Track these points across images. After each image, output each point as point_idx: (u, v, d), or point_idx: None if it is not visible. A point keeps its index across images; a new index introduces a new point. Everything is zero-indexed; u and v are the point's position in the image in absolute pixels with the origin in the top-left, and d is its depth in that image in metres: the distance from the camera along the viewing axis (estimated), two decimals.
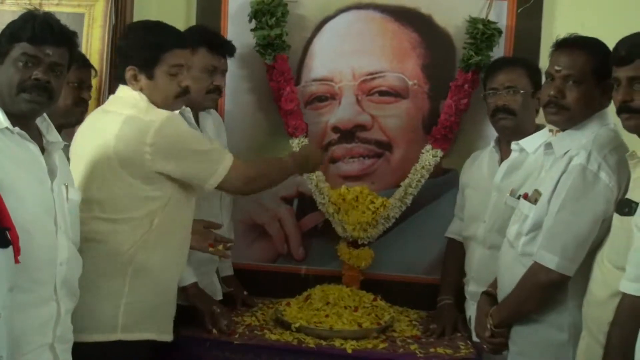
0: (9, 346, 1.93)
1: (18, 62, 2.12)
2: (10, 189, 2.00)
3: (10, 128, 2.11)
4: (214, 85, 3.09)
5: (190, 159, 2.58)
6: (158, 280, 2.60)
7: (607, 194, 2.39)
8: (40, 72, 2.13)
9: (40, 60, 2.13)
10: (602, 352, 2.15)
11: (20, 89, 2.12)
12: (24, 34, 2.12)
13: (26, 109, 2.15)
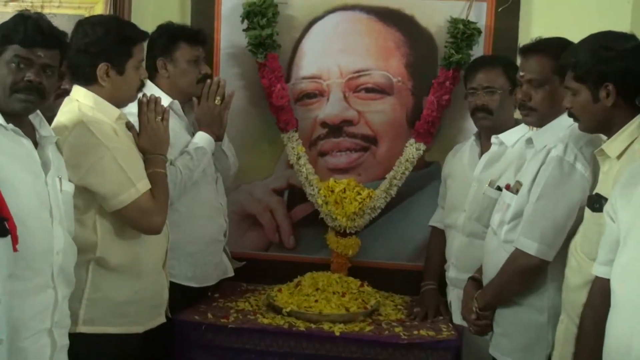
0: (9, 331, 1.92)
1: (11, 64, 2.12)
2: (7, 183, 2.00)
3: (4, 125, 2.12)
4: (202, 74, 3.09)
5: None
6: (124, 277, 2.56)
7: (583, 184, 2.42)
8: (33, 73, 2.12)
9: (32, 62, 2.13)
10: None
11: (13, 89, 2.11)
12: (16, 37, 2.11)
13: (19, 109, 2.14)
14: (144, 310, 2.62)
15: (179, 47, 3.04)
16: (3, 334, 1.87)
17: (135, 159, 2.57)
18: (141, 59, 2.65)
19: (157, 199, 2.54)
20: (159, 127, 2.69)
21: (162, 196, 2.58)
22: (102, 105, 2.56)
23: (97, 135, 2.44)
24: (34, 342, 2.12)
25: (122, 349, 2.55)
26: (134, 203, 2.45)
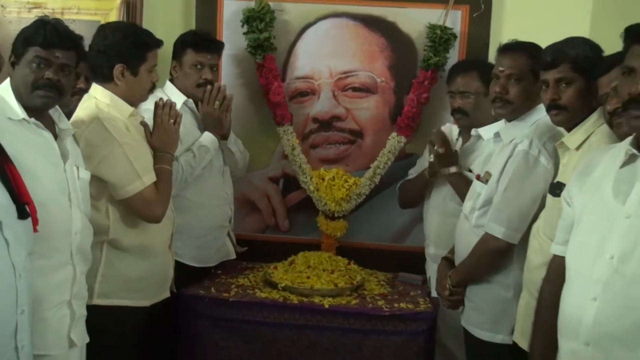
0: (31, 302, 1.92)
1: (32, 64, 2.13)
2: (29, 171, 2.01)
3: (26, 119, 2.13)
4: (203, 79, 3.04)
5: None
6: (134, 256, 2.57)
7: (545, 175, 2.43)
8: (52, 72, 2.13)
9: (51, 62, 2.13)
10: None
11: (34, 87, 2.12)
12: (36, 39, 2.12)
13: (40, 104, 2.15)
14: (151, 286, 2.64)
15: (186, 52, 3.03)
16: (25, 305, 1.87)
17: (144, 153, 2.57)
18: (154, 63, 2.63)
19: (160, 192, 2.55)
20: (171, 129, 2.71)
21: (165, 190, 2.58)
22: (116, 103, 2.56)
23: (110, 131, 2.44)
24: (55, 313, 2.14)
25: (132, 319, 2.56)
26: (139, 194, 2.46)
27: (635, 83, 1.69)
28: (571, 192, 1.97)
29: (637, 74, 1.69)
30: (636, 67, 1.69)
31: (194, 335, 2.84)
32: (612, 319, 1.69)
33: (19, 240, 1.85)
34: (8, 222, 1.82)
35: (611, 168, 1.82)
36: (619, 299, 1.69)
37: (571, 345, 1.80)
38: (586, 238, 1.83)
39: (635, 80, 1.69)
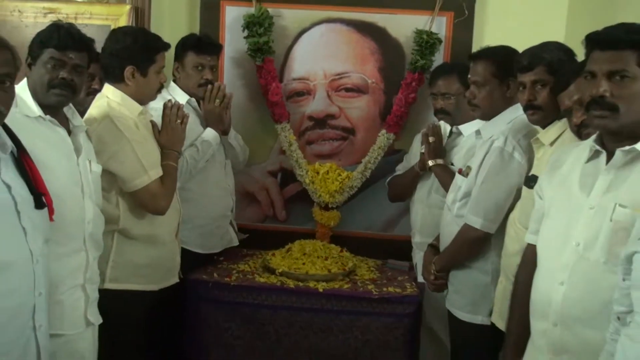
0: (47, 286, 1.92)
1: (47, 65, 2.13)
2: (45, 164, 2.00)
3: (42, 116, 2.13)
4: (204, 79, 3.04)
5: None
6: (142, 244, 2.58)
7: (519, 170, 2.44)
8: (66, 72, 2.14)
9: (65, 63, 2.14)
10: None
11: (49, 86, 2.13)
12: (51, 42, 2.13)
13: (55, 102, 2.15)
14: (159, 272, 2.65)
15: (188, 54, 3.02)
16: (42, 288, 1.87)
17: (151, 150, 2.58)
18: (162, 65, 2.64)
19: (165, 186, 2.55)
20: (178, 128, 2.72)
21: (170, 185, 2.59)
22: (127, 102, 2.56)
23: (120, 128, 2.45)
24: (70, 296, 2.15)
25: (140, 302, 2.57)
26: (145, 187, 2.47)
27: (595, 86, 1.69)
28: (542, 186, 1.99)
29: (597, 77, 1.70)
30: (596, 71, 1.70)
31: (198, 317, 2.85)
32: (577, 301, 1.71)
33: (36, 228, 1.85)
34: (26, 211, 1.82)
35: (578, 163, 1.84)
36: (583, 283, 1.71)
37: (541, 325, 1.81)
38: (555, 227, 1.84)
39: (595, 83, 1.70)
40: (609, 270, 1.65)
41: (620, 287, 1.55)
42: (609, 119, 1.69)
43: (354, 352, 2.79)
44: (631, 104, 1.67)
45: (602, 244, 1.68)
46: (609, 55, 1.68)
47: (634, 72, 1.67)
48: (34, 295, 1.84)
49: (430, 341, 3.01)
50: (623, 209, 1.66)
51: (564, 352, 1.76)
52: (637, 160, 1.70)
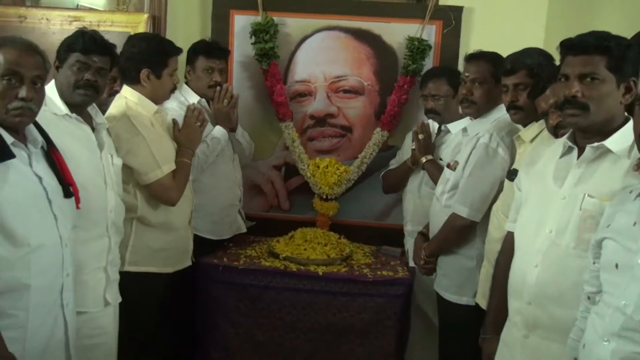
0: (74, 267, 1.96)
1: (73, 67, 2.15)
2: (71, 158, 2.03)
3: (69, 114, 2.16)
4: (213, 81, 3.02)
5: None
6: (158, 231, 2.59)
7: (502, 164, 2.45)
8: (90, 74, 2.15)
9: (89, 66, 2.15)
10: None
11: (75, 86, 2.14)
12: (77, 47, 2.14)
13: (80, 101, 2.17)
14: (174, 256, 2.66)
15: (198, 58, 3.01)
16: (69, 269, 1.91)
17: (165, 146, 2.57)
18: (175, 68, 2.63)
19: (177, 180, 2.55)
20: (196, 130, 2.73)
21: (182, 179, 2.59)
22: (143, 102, 2.57)
23: (136, 126, 2.46)
24: (93, 276, 2.18)
25: (157, 283, 2.59)
26: (158, 181, 2.47)
27: (568, 87, 1.72)
28: (520, 179, 2.01)
29: (570, 79, 1.72)
30: (569, 73, 1.73)
31: (209, 297, 2.86)
32: (549, 282, 1.74)
33: (64, 215, 1.88)
34: (56, 200, 1.85)
35: (552, 158, 1.86)
36: (555, 266, 1.74)
37: (517, 304, 1.84)
38: (530, 216, 1.86)
39: (568, 85, 1.72)
40: (578, 255, 1.68)
41: (591, 270, 1.58)
42: (581, 117, 1.72)
43: (350, 329, 2.80)
44: (600, 103, 1.70)
45: (572, 231, 1.71)
46: (581, 60, 1.71)
47: (603, 75, 1.69)
48: (62, 276, 1.88)
49: (419, 320, 3.00)
50: (591, 198, 1.69)
51: (536, 327, 1.79)
52: (605, 156, 1.73)
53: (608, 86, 1.70)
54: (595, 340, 1.47)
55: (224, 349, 2.87)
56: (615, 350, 1.41)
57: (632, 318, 1.39)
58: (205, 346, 2.89)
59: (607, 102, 1.71)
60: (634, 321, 1.38)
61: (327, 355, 2.83)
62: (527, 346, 1.82)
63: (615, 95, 1.72)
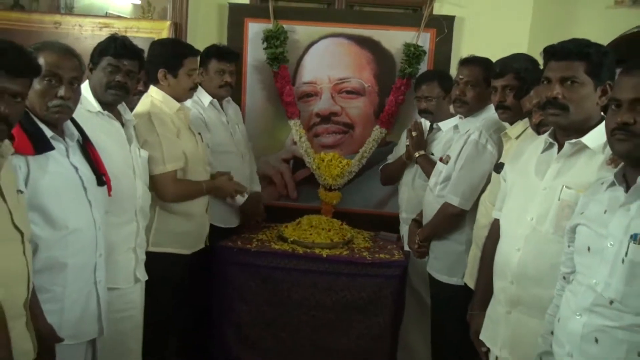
0: (106, 249, 1.98)
1: (105, 69, 2.16)
2: (104, 150, 2.04)
3: (101, 111, 2.17)
4: (224, 82, 2.98)
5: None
6: (178, 217, 2.59)
7: (491, 159, 2.46)
8: (120, 76, 2.16)
9: (120, 69, 2.16)
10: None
11: (107, 87, 2.15)
12: (109, 51, 2.15)
13: (111, 100, 2.18)
14: (191, 239, 2.66)
15: (211, 61, 2.97)
16: (102, 250, 1.93)
17: (175, 145, 2.51)
18: (192, 67, 2.60)
19: (180, 184, 2.53)
20: (228, 192, 2.82)
21: (186, 189, 2.57)
22: (167, 100, 2.57)
23: (154, 123, 2.45)
24: (124, 257, 2.20)
25: (176, 262, 2.59)
26: (159, 175, 2.44)
27: (550, 89, 1.73)
28: (506, 171, 2.01)
29: (552, 82, 1.73)
30: (551, 77, 1.73)
31: (224, 277, 2.87)
32: (530, 264, 1.75)
33: (98, 202, 1.91)
34: (90, 188, 1.87)
35: (535, 153, 1.86)
36: (535, 250, 1.75)
37: (501, 283, 1.85)
38: (514, 205, 1.87)
39: (550, 87, 1.73)
40: (556, 240, 1.69)
41: (566, 253, 1.59)
42: (561, 117, 1.73)
43: (351, 306, 2.80)
44: (579, 104, 1.71)
45: (551, 219, 1.72)
46: (562, 65, 1.72)
47: (582, 79, 1.70)
48: (95, 256, 1.90)
49: (413, 298, 3.00)
50: (569, 190, 1.70)
51: (518, 304, 1.80)
52: (582, 151, 1.74)
53: (586, 89, 1.71)
54: (569, 315, 1.49)
55: (237, 324, 2.88)
56: (586, 323, 1.43)
57: (601, 295, 1.40)
58: (220, 320, 2.90)
59: (585, 103, 1.72)
60: (603, 298, 1.40)
61: (330, 330, 2.83)
62: (509, 321, 1.83)
63: (593, 97, 1.72)
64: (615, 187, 1.47)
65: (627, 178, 1.45)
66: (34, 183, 1.73)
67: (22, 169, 1.71)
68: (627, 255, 1.35)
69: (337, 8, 3.57)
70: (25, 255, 1.58)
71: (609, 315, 1.39)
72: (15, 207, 1.55)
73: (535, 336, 1.69)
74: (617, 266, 1.38)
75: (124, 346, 2.22)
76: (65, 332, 1.80)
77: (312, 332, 2.84)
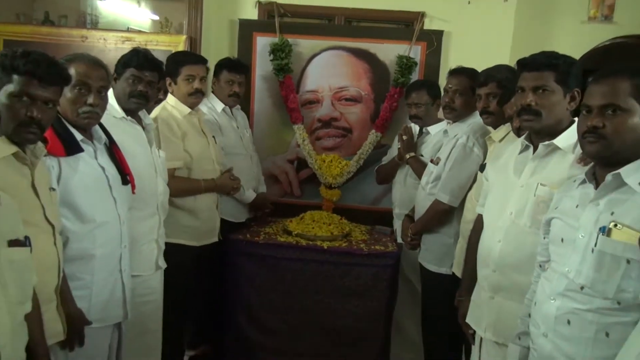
0: (130, 240, 1.99)
1: (129, 80, 2.16)
2: (128, 152, 2.05)
3: (125, 117, 2.18)
4: (233, 91, 2.97)
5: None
6: (187, 212, 2.59)
7: (477, 160, 2.46)
8: (142, 86, 2.17)
9: (141, 79, 2.17)
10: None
11: (130, 96, 2.16)
12: (132, 63, 2.16)
13: (134, 108, 2.20)
14: (199, 233, 2.65)
15: (222, 72, 2.96)
16: (126, 242, 1.94)
17: (176, 146, 2.51)
18: (189, 74, 2.57)
19: (177, 181, 2.50)
20: (229, 185, 2.76)
21: (183, 186, 2.54)
22: (178, 105, 2.58)
23: (160, 126, 2.47)
24: (147, 247, 2.22)
25: (185, 253, 2.58)
26: None
27: (524, 97, 1.74)
28: (487, 171, 2.02)
29: (525, 91, 1.74)
30: (525, 86, 1.74)
31: (235, 266, 2.87)
32: (509, 254, 1.76)
33: (122, 199, 1.92)
34: (115, 186, 1.89)
35: (513, 154, 1.87)
36: (514, 241, 1.76)
37: (484, 271, 1.86)
38: (495, 201, 1.87)
39: (524, 95, 1.74)
40: (533, 233, 1.70)
41: (542, 243, 1.60)
42: (534, 122, 1.74)
43: (349, 292, 2.81)
44: (550, 110, 1.72)
45: (528, 213, 1.72)
46: (534, 75, 1.73)
47: (552, 87, 1.71)
48: (120, 247, 1.91)
49: (405, 286, 2.99)
50: (543, 187, 1.71)
51: (500, 290, 1.81)
52: (555, 152, 1.75)
53: (557, 96, 1.72)
54: (544, 299, 1.49)
55: (247, 308, 2.89)
56: (559, 306, 1.44)
57: (573, 281, 1.42)
58: (232, 304, 2.91)
59: (556, 109, 1.73)
60: (575, 284, 1.41)
61: (331, 313, 2.83)
62: (492, 305, 1.83)
63: (563, 103, 1.73)
64: (586, 184, 1.48)
65: (596, 176, 1.46)
66: (65, 182, 1.75)
67: (54, 169, 1.73)
68: (596, 245, 1.37)
69: (337, 23, 3.58)
70: (56, 246, 1.61)
71: (580, 299, 1.40)
72: (47, 203, 1.58)
73: (515, 318, 1.69)
74: (587, 255, 1.39)
75: (146, 327, 2.23)
76: (94, 316, 1.82)
77: (315, 315, 2.84)
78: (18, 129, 1.48)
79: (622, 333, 1.30)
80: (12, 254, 1.29)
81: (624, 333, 1.27)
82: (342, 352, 2.86)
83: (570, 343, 1.40)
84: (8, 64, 1.46)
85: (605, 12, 3.58)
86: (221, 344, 2.97)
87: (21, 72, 1.46)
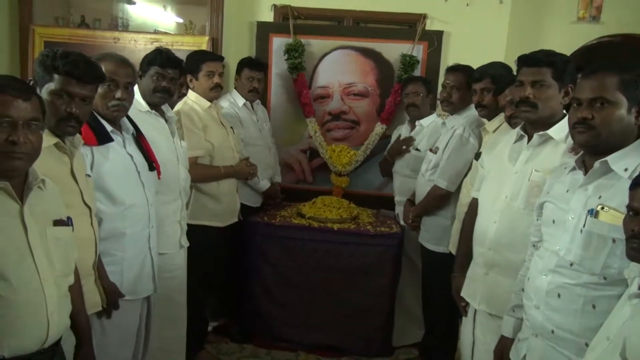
0: (156, 221, 1.99)
1: (152, 77, 2.15)
2: (153, 142, 2.05)
3: (149, 110, 2.18)
4: (252, 87, 2.95)
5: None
6: (209, 196, 2.57)
7: (472, 149, 2.44)
8: (165, 82, 2.16)
9: (164, 76, 2.16)
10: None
11: (154, 91, 2.15)
12: (156, 61, 2.15)
13: (158, 102, 2.19)
14: (222, 215, 2.64)
15: (243, 70, 2.95)
16: (153, 222, 1.94)
17: (197, 138, 2.49)
18: (210, 70, 2.55)
19: (198, 168, 2.47)
20: (245, 174, 2.71)
21: (202, 172, 2.51)
22: (199, 99, 2.57)
23: (182, 118, 2.46)
24: (171, 227, 2.21)
25: (209, 233, 2.57)
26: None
27: (523, 91, 1.72)
28: (483, 159, 2.00)
29: (524, 85, 1.72)
30: (524, 80, 1.72)
31: (254, 246, 2.89)
32: (504, 234, 1.75)
33: (149, 184, 1.91)
34: (143, 172, 1.89)
35: (508, 143, 1.85)
36: (509, 222, 1.74)
37: (480, 250, 1.85)
38: (491, 186, 1.86)
39: (523, 89, 1.72)
40: (526, 214, 1.68)
41: (535, 225, 1.59)
42: (531, 113, 1.72)
43: (356, 269, 2.82)
44: (546, 103, 1.71)
45: (522, 197, 1.71)
46: (533, 70, 1.71)
47: (549, 82, 1.70)
48: (148, 227, 1.92)
49: (408, 263, 2.99)
50: (537, 173, 1.69)
51: (494, 267, 1.80)
52: (548, 141, 1.73)
53: (552, 90, 1.71)
54: (536, 275, 1.49)
55: (264, 283, 2.90)
56: (550, 281, 1.43)
57: (563, 259, 1.41)
58: (249, 281, 2.93)
59: (551, 102, 1.71)
60: (565, 261, 1.40)
61: (340, 289, 2.84)
62: (487, 280, 1.83)
63: (557, 97, 1.72)
64: (576, 171, 1.48)
65: (585, 164, 1.46)
66: (98, 168, 1.76)
67: (88, 157, 1.73)
68: (584, 226, 1.37)
69: (345, 25, 3.54)
70: (92, 226, 1.63)
71: (569, 275, 1.39)
72: (84, 188, 1.60)
73: (507, 293, 1.68)
74: (576, 235, 1.38)
75: (172, 300, 2.24)
76: (126, 289, 1.83)
77: (325, 290, 2.86)
78: (59, 123, 1.50)
79: (607, 305, 1.29)
80: (57, 232, 1.33)
81: (609, 305, 1.27)
82: (350, 324, 2.87)
83: (560, 314, 1.40)
84: (50, 64, 1.48)
85: (593, 13, 3.54)
86: (240, 316, 2.99)
87: (61, 72, 1.48)
